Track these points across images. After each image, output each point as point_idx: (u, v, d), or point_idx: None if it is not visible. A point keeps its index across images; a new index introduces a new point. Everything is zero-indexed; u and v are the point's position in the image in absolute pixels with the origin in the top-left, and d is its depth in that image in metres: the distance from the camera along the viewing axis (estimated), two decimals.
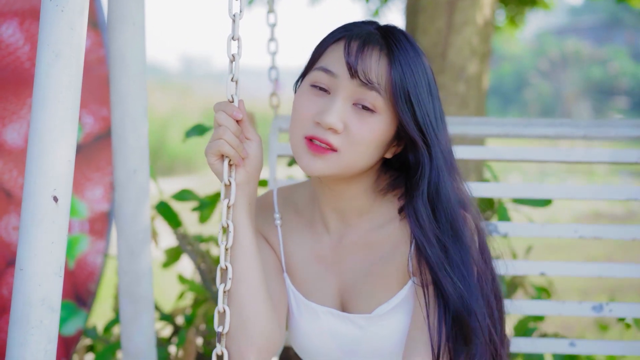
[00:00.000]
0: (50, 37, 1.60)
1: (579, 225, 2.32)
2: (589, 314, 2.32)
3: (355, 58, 1.64)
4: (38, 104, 1.60)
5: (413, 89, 1.66)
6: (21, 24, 3.13)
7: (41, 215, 1.58)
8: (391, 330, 1.80)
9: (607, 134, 2.35)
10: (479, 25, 3.37)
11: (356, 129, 1.65)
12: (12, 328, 1.60)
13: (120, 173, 2.14)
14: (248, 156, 1.68)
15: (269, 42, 2.47)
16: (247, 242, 1.70)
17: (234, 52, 1.62)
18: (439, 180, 1.71)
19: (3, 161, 3.13)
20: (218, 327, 1.61)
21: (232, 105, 1.66)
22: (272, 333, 1.74)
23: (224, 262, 1.63)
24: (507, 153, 2.36)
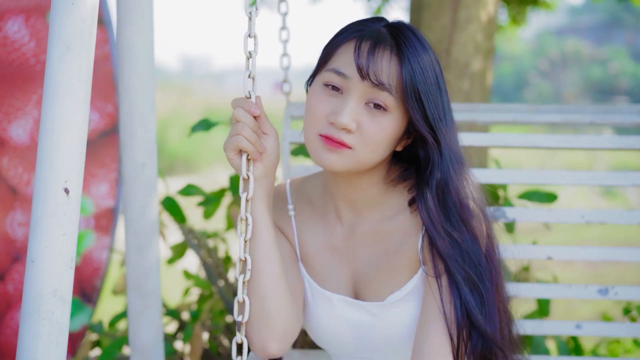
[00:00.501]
0: (61, 30, 1.60)
1: (585, 210, 2.34)
2: (595, 297, 2.34)
3: (367, 60, 1.67)
4: (49, 97, 1.60)
5: (423, 87, 1.69)
6: (27, 21, 3.13)
7: (52, 207, 1.59)
8: (403, 318, 1.84)
9: (613, 120, 2.37)
10: (483, 22, 3.38)
11: (369, 128, 1.69)
12: (23, 320, 1.61)
13: (128, 167, 2.14)
14: (265, 150, 1.72)
15: (281, 31, 2.46)
16: (266, 233, 1.74)
17: (250, 49, 1.64)
18: (448, 175, 1.75)
19: (8, 157, 3.14)
20: (238, 317, 1.64)
21: (249, 102, 1.69)
22: (292, 321, 1.80)
23: (243, 253, 1.65)
24: (512, 140, 2.36)
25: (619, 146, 2.34)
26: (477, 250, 1.73)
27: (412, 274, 1.84)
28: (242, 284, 1.64)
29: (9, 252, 3.16)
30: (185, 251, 2.97)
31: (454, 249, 1.73)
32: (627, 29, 24.77)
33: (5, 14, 3.11)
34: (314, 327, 1.96)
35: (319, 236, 1.94)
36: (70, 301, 1.64)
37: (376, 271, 1.87)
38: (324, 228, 1.93)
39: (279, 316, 1.76)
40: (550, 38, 25.33)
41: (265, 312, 1.75)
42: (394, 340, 1.88)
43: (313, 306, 1.94)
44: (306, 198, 1.98)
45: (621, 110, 2.41)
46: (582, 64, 21.61)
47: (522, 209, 2.38)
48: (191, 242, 2.75)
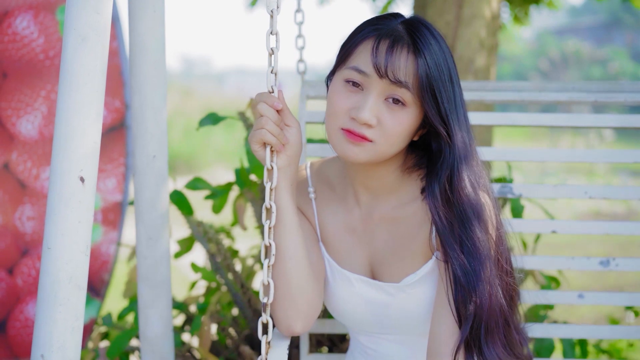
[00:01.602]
0: (76, 21, 1.63)
1: (588, 186, 2.39)
2: (597, 269, 2.40)
3: (385, 60, 1.74)
4: (65, 87, 1.63)
5: (437, 83, 1.76)
6: (36, 17, 3.16)
7: (68, 195, 1.62)
8: (418, 299, 1.94)
9: (617, 99, 2.40)
10: (487, 19, 3.41)
11: (389, 123, 1.77)
12: (40, 306, 1.63)
13: (139, 159, 2.17)
14: (288, 142, 1.81)
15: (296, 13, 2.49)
16: (290, 220, 1.84)
17: (272, 45, 1.69)
18: (457, 168, 1.82)
19: (17, 152, 3.16)
20: (263, 298, 1.72)
21: (272, 96, 1.77)
22: (315, 300, 1.91)
23: (268, 239, 1.73)
24: (517, 119, 2.41)
25: (621, 124, 2.39)
26: (479, 243, 1.80)
27: (426, 259, 1.93)
28: (267, 267, 1.72)
29: (18, 246, 3.18)
30: (192, 245, 2.98)
31: (454, 239, 1.81)
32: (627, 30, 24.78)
33: (15, 10, 3.13)
34: (334, 304, 2.05)
35: (339, 218, 2.03)
36: (85, 288, 1.67)
37: (392, 254, 1.96)
38: (343, 210, 2.02)
39: (303, 297, 1.88)
40: (551, 38, 25.34)
41: (291, 293, 1.86)
42: (409, 318, 1.97)
43: (333, 284, 2.03)
44: (326, 181, 2.07)
45: (625, 88, 2.44)
46: (582, 64, 21.63)
47: (527, 185, 2.42)
48: (198, 234, 2.77)
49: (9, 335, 3.22)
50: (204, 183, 2.81)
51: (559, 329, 2.45)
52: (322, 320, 2.49)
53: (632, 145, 14.25)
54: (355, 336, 2.16)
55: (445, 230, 1.81)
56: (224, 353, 2.76)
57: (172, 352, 2.32)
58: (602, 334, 2.44)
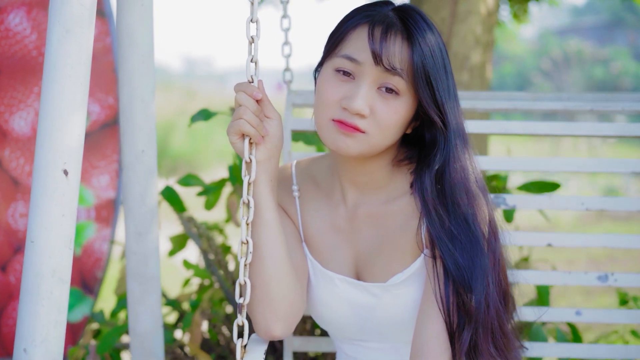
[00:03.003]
0: (60, 13, 1.62)
1: (585, 197, 2.34)
2: (595, 284, 2.35)
3: (380, 46, 1.69)
4: (48, 79, 1.63)
5: (432, 70, 1.72)
6: (28, 13, 3.15)
7: (52, 188, 1.61)
8: (404, 300, 1.86)
9: (614, 108, 2.37)
10: (482, 15, 3.40)
11: (382, 113, 1.72)
12: (22, 300, 1.63)
13: (128, 153, 2.15)
14: (268, 134, 1.74)
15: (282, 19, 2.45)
16: (270, 217, 1.76)
17: (252, 34, 1.65)
18: (451, 158, 1.78)
19: (10, 149, 3.16)
20: (239, 299, 1.65)
21: (251, 86, 1.71)
22: (296, 302, 1.83)
23: (245, 236, 1.66)
24: (511, 127, 2.37)
25: (619, 133, 2.35)
26: (471, 238, 1.75)
27: (414, 257, 1.85)
28: (244, 266, 1.65)
29: (11, 243, 3.17)
30: (185, 243, 2.97)
31: (446, 233, 1.75)
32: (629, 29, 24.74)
33: (7, 6, 3.12)
34: (316, 307, 1.98)
35: (323, 217, 1.96)
36: (69, 281, 1.66)
37: (378, 253, 1.89)
38: (328, 209, 1.96)
39: (283, 298, 1.79)
40: (553, 38, 25.30)
41: (270, 294, 1.78)
42: (395, 322, 1.90)
43: (315, 286, 1.96)
44: (312, 179, 2.00)
45: (621, 98, 2.42)
46: (585, 64, 21.59)
47: (522, 196, 2.38)
48: (191, 231, 2.76)
49: (2, 333, 3.21)
50: (197, 179, 2.80)
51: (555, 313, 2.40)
52: (307, 338, 2.45)
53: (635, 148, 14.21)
54: (339, 345, 2.07)
55: (435, 224, 1.76)
56: (216, 350, 2.75)
57: (162, 348, 2.31)
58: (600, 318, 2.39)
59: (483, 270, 1.74)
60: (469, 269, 1.73)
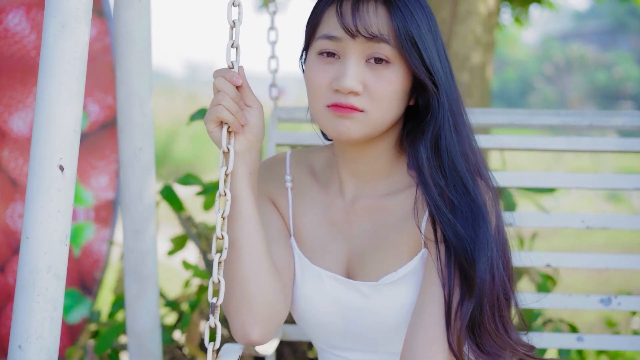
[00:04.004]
0: (56, 8, 1.61)
1: (585, 214, 2.29)
2: (597, 307, 2.28)
3: (352, 17, 1.61)
4: (44, 74, 1.62)
5: (417, 32, 1.62)
6: (27, 13, 3.15)
7: (47, 184, 1.59)
8: (396, 303, 1.73)
9: (613, 123, 2.32)
10: (482, 16, 3.39)
11: (376, 86, 1.63)
12: (18, 296, 1.61)
13: (125, 151, 2.15)
14: (248, 123, 1.63)
15: (269, 31, 2.42)
16: (248, 212, 1.66)
17: (234, 18, 1.59)
18: (445, 122, 1.67)
19: (9, 149, 3.15)
20: (212, 299, 1.53)
21: (231, 71, 1.62)
22: (276, 304, 1.72)
23: (220, 231, 1.55)
24: (512, 142, 2.34)
25: (620, 148, 2.31)
26: (472, 205, 1.65)
27: (411, 256, 1.74)
28: (219, 263, 1.54)
29: (10, 244, 3.17)
30: (185, 243, 2.97)
31: (444, 202, 1.65)
32: (632, 34, 24.72)
33: (6, 6, 3.12)
34: (300, 307, 1.84)
35: (317, 210, 1.84)
36: (64, 277, 1.65)
37: (373, 249, 1.77)
38: (324, 201, 1.84)
39: (261, 299, 1.68)
40: (555, 43, 25.30)
41: (247, 294, 1.66)
42: (384, 327, 1.77)
43: (301, 283, 1.83)
44: (308, 168, 1.90)
45: (621, 113, 2.37)
46: (587, 68, 21.59)
47: (521, 213, 2.34)
48: (190, 231, 2.76)
49: (1, 334, 3.20)
50: (196, 179, 2.78)
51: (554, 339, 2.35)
52: None
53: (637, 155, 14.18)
54: (323, 356, 1.92)
55: (433, 194, 1.65)
56: None
57: (159, 347, 2.30)
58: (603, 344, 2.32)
59: (487, 240, 1.63)
60: (471, 240, 1.62)
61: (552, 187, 2.40)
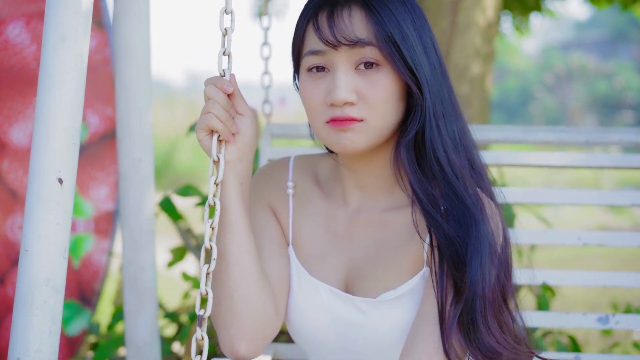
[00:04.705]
0: (55, 21, 1.61)
1: (582, 231, 2.28)
2: (595, 326, 2.26)
3: (329, 28, 1.59)
4: (44, 87, 1.62)
5: (397, 30, 1.59)
6: (27, 24, 3.15)
7: (46, 196, 1.59)
8: (394, 321, 1.69)
9: (609, 140, 2.32)
10: (482, 27, 3.39)
11: (369, 92, 1.60)
12: (16, 308, 1.61)
13: (124, 163, 2.15)
14: (239, 131, 1.60)
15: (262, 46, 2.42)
16: (237, 223, 1.62)
17: (226, 25, 1.57)
18: (427, 122, 1.61)
19: (9, 161, 3.15)
20: (200, 311, 1.48)
21: (222, 79, 1.59)
22: (266, 318, 1.68)
23: (209, 242, 1.50)
24: (508, 157, 2.33)
25: (618, 164, 2.31)
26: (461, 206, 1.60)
27: (412, 274, 1.69)
28: (206, 275, 1.49)
29: (9, 256, 3.16)
30: (184, 254, 2.97)
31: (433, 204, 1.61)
32: (633, 44, 24.74)
33: (7, 18, 3.13)
34: (295, 319, 1.79)
35: (319, 219, 1.80)
36: (63, 290, 1.65)
37: (374, 264, 1.72)
38: (326, 210, 1.80)
39: (249, 313, 1.64)
40: (556, 52, 25.32)
41: (234, 308, 1.63)
42: (381, 345, 1.72)
43: (297, 294, 1.78)
44: (312, 176, 1.85)
45: (617, 130, 2.36)
46: (588, 78, 21.60)
47: (517, 230, 2.32)
48: (189, 242, 2.76)
49: (1, 346, 3.20)
50: (195, 190, 2.79)
51: None
52: None
53: None
54: None
55: (419, 196, 1.61)
56: None
57: (159, 358, 2.30)
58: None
59: (480, 242, 1.58)
60: (463, 242, 1.58)
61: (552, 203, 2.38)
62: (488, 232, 1.60)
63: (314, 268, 1.78)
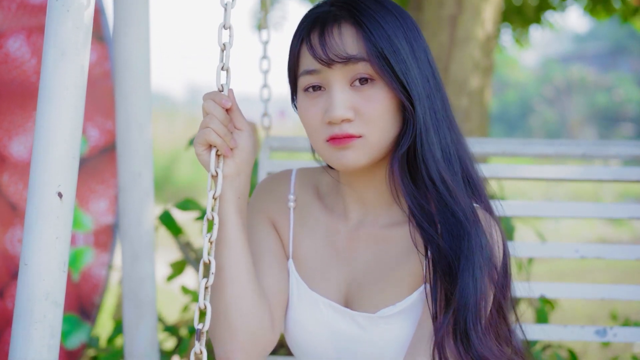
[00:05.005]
0: (56, 36, 1.61)
1: (580, 244, 2.28)
2: (593, 339, 2.26)
3: (321, 47, 1.59)
4: (43, 101, 1.62)
5: (387, 44, 1.59)
6: (28, 38, 3.16)
7: (46, 210, 1.59)
8: (393, 336, 1.69)
9: (607, 153, 2.32)
10: (481, 40, 3.41)
11: (365, 107, 1.59)
12: (15, 322, 1.61)
13: (124, 176, 2.15)
14: (237, 146, 1.61)
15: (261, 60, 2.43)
16: (234, 237, 1.63)
17: (225, 40, 1.58)
18: (418, 136, 1.61)
19: (9, 174, 3.15)
20: (198, 325, 1.48)
21: (220, 94, 1.60)
22: (262, 332, 1.69)
23: (207, 256, 1.51)
24: (507, 171, 2.34)
25: (615, 177, 2.30)
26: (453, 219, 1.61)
27: (411, 290, 1.69)
28: (205, 289, 1.50)
29: (9, 269, 3.16)
30: (184, 268, 2.96)
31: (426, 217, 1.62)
32: (632, 56, 24.80)
33: (7, 31, 3.14)
34: (294, 332, 1.79)
35: (319, 232, 1.80)
36: (62, 304, 1.64)
37: (373, 279, 1.72)
38: (327, 224, 1.80)
39: (245, 327, 1.66)
40: (555, 65, 25.36)
41: (230, 321, 1.64)
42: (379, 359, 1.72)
43: (297, 308, 1.78)
44: (314, 189, 1.86)
45: (614, 143, 2.37)
46: (587, 90, 21.64)
47: (514, 242, 2.34)
48: (188, 256, 2.76)
49: None
50: (194, 204, 2.79)
51: None
52: None
53: None
54: None
55: (412, 209, 1.62)
56: None
57: None
58: None
59: (472, 254, 1.58)
60: (455, 255, 1.58)
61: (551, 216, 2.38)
62: (480, 245, 1.60)
63: (314, 282, 1.78)
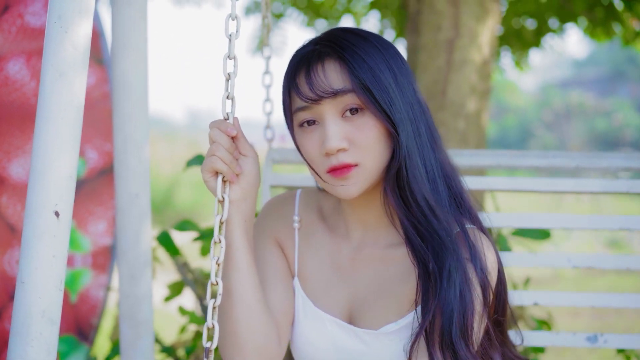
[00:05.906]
0: (54, 57, 1.64)
1: (572, 254, 2.30)
2: (583, 345, 2.28)
3: (308, 86, 1.68)
4: (41, 122, 1.64)
5: (369, 75, 1.67)
6: (28, 61, 3.19)
7: (43, 229, 1.61)
8: (394, 351, 1.76)
9: (599, 165, 2.34)
10: (477, 64, 3.43)
11: (358, 136, 1.68)
12: (12, 340, 1.62)
13: (121, 197, 2.17)
14: (243, 172, 1.69)
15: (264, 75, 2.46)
16: (241, 259, 1.71)
17: (229, 70, 1.63)
18: (406, 161, 1.70)
19: (7, 196, 3.17)
20: (207, 343, 1.56)
21: (226, 123, 1.67)
22: (270, 348, 1.76)
23: (215, 277, 1.59)
24: (500, 183, 2.36)
25: (605, 189, 2.32)
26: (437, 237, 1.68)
27: (412, 307, 1.76)
28: (213, 309, 1.57)
29: (7, 290, 3.17)
30: (182, 289, 2.97)
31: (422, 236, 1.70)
32: (631, 82, 24.88)
33: (7, 54, 3.16)
34: (300, 347, 1.88)
35: (323, 252, 1.90)
36: (59, 322, 1.66)
37: (376, 297, 1.81)
38: (330, 244, 1.90)
39: (252, 345, 1.73)
40: (555, 90, 25.44)
41: (238, 341, 1.72)
42: None
43: (303, 324, 1.87)
44: (317, 210, 1.95)
45: (606, 155, 2.39)
46: (587, 115, 21.68)
47: (507, 253, 2.36)
48: (186, 277, 2.76)
49: None
50: (192, 225, 2.80)
51: None
52: None
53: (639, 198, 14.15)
54: None
55: (405, 229, 1.70)
56: None
57: None
58: None
59: (455, 270, 1.66)
60: (440, 271, 1.66)
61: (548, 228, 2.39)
62: (462, 262, 1.68)
63: (319, 299, 1.88)
